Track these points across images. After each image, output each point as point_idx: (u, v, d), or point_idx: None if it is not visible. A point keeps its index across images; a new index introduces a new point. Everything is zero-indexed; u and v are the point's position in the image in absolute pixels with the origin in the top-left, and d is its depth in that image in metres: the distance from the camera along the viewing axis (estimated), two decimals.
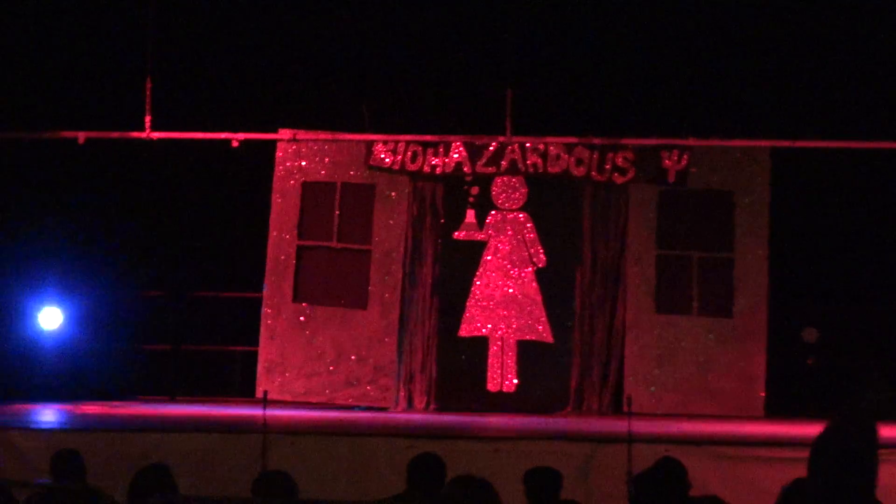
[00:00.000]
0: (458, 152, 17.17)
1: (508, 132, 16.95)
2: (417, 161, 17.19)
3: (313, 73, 17.15)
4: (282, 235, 17.37)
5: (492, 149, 17.12)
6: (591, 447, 12.36)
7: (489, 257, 17.26)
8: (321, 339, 17.20)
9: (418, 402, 17.11)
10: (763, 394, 16.71)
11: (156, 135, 16.88)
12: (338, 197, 17.38)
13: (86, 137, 16.89)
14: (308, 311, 17.28)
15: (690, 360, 16.89)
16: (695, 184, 17.03)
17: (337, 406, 16.98)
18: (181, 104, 17.01)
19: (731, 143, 16.90)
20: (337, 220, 17.39)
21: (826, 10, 16.34)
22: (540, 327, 17.15)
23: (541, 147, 17.09)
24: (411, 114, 17.18)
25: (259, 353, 17.27)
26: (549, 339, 17.15)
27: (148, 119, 16.78)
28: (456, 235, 17.35)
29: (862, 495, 7.21)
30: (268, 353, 17.24)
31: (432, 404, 17.11)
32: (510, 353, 17.13)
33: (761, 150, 16.92)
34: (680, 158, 16.97)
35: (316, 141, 17.36)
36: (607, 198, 17.17)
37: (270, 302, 17.31)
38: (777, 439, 12.91)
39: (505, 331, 17.17)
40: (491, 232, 17.29)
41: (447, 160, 17.18)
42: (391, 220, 17.30)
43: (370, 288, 17.26)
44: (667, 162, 16.98)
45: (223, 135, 17.00)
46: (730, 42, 16.62)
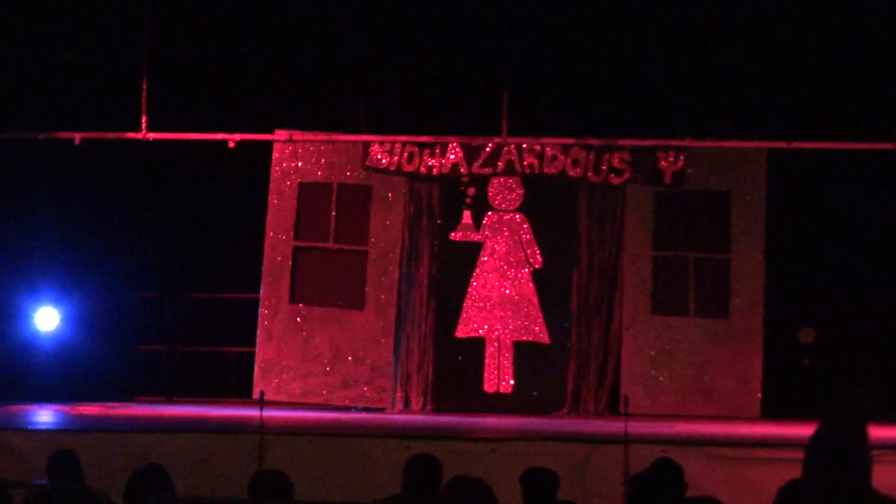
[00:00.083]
0: (455, 153, 17.16)
1: (505, 133, 16.97)
2: (414, 162, 17.19)
3: (310, 73, 17.14)
4: (278, 236, 17.36)
5: (488, 150, 17.12)
6: (587, 448, 12.36)
7: (486, 258, 17.25)
8: (318, 339, 17.19)
9: (415, 403, 17.10)
10: (759, 394, 16.70)
11: (152, 135, 16.90)
12: (334, 198, 17.37)
13: (82, 138, 16.90)
14: (305, 312, 17.27)
15: (687, 360, 16.88)
16: (691, 185, 17.02)
17: (334, 407, 16.97)
18: (177, 105, 17.01)
19: (728, 144, 16.91)
20: (333, 220, 17.38)
21: (822, 10, 16.34)
22: (536, 328, 17.15)
23: (537, 148, 17.09)
24: (408, 114, 17.17)
25: (256, 353, 17.25)
26: (546, 339, 17.14)
27: (144, 119, 16.81)
28: (452, 236, 17.34)
29: (857, 493, 7.24)
30: (264, 354, 17.23)
31: (429, 405, 17.10)
32: (507, 354, 17.12)
33: (758, 151, 16.91)
34: (676, 159, 16.97)
35: (312, 142, 17.35)
36: (604, 199, 17.16)
37: (267, 303, 17.30)
38: (773, 440, 12.90)
39: (501, 332, 17.16)
40: (487, 233, 17.28)
41: (444, 161, 17.17)
42: (388, 221, 17.29)
43: (367, 289, 17.25)
44: (663, 163, 16.97)
45: (219, 135, 17.01)
46: (726, 43, 16.61)
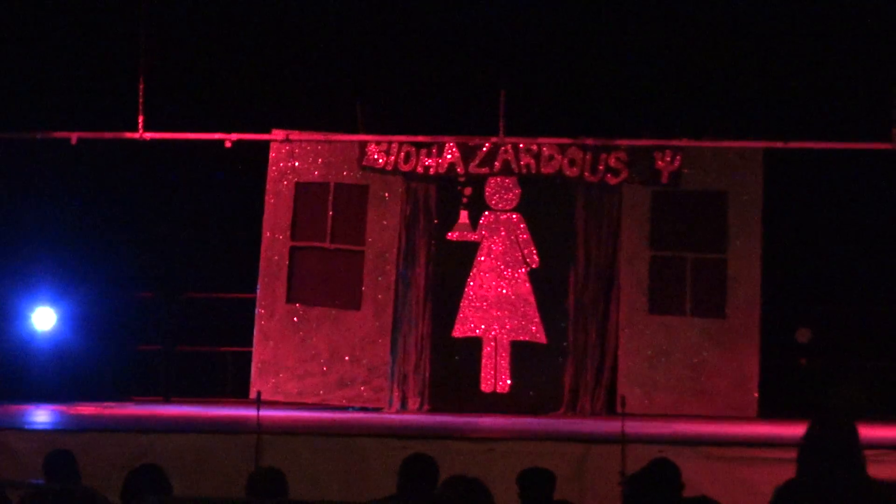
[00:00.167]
0: (452, 153, 17.16)
1: (501, 133, 16.96)
2: (411, 162, 17.19)
3: (306, 73, 17.14)
4: (275, 236, 17.36)
5: (485, 149, 17.12)
6: (584, 448, 12.36)
7: (482, 258, 17.25)
8: (315, 339, 17.19)
9: (412, 403, 17.10)
10: (756, 394, 16.71)
11: (149, 135, 16.88)
12: (331, 197, 17.37)
13: (78, 138, 16.89)
14: (301, 312, 17.27)
15: (684, 360, 16.88)
16: (688, 184, 17.03)
17: (330, 407, 16.97)
18: (174, 104, 17.00)
19: (724, 143, 16.91)
20: (330, 220, 17.38)
21: (819, 11, 16.35)
22: (533, 328, 17.15)
23: (534, 148, 17.10)
24: (404, 114, 17.17)
25: (253, 353, 17.25)
26: (543, 339, 17.15)
27: (141, 119, 16.79)
28: (449, 236, 17.34)
29: (851, 492, 7.24)
30: (261, 354, 17.23)
31: (426, 405, 17.10)
32: (504, 354, 17.12)
33: (754, 150, 16.92)
34: (673, 159, 16.97)
35: (309, 141, 17.35)
36: (600, 198, 17.17)
37: (264, 302, 17.30)
38: (770, 440, 12.91)
39: (498, 331, 17.16)
40: (484, 233, 17.29)
41: (440, 161, 17.17)
42: (384, 221, 17.29)
43: (363, 289, 17.25)
44: (660, 163, 16.98)
45: (216, 135, 17.00)
46: (723, 43, 16.62)
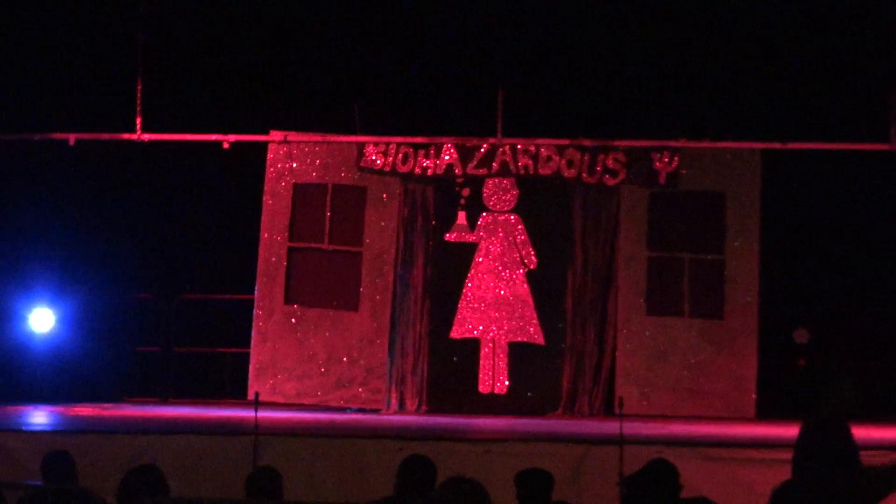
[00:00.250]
0: (449, 154, 17.17)
1: (499, 134, 16.97)
2: (408, 163, 17.19)
3: (304, 74, 17.14)
4: (273, 237, 17.36)
5: (483, 150, 17.12)
6: (582, 449, 12.37)
7: (480, 259, 17.25)
8: (313, 340, 17.19)
9: (410, 404, 17.10)
10: (754, 395, 16.71)
11: (146, 136, 16.90)
12: (329, 199, 17.37)
13: (77, 139, 16.90)
14: (299, 313, 17.27)
15: (682, 361, 16.88)
16: (685, 185, 17.04)
17: (328, 408, 16.97)
18: (172, 106, 17.00)
19: (722, 144, 16.92)
20: (328, 221, 17.38)
21: (817, 11, 16.35)
22: (531, 329, 17.15)
23: (532, 149, 17.10)
24: (402, 115, 17.17)
25: (251, 354, 17.25)
26: (541, 340, 17.15)
27: (139, 120, 16.80)
28: (447, 237, 17.34)
29: (847, 491, 7.26)
30: (259, 355, 17.22)
31: (424, 406, 17.10)
32: (502, 355, 17.12)
33: (752, 151, 16.93)
34: (671, 160, 16.98)
35: (307, 143, 17.35)
36: (598, 199, 17.17)
37: (262, 304, 17.30)
38: (768, 441, 12.90)
39: (496, 332, 17.16)
40: (482, 234, 17.29)
41: (438, 162, 17.18)
42: (382, 222, 17.29)
43: (361, 289, 17.25)
44: (657, 164, 16.98)
45: (214, 136, 17.01)
46: (721, 44, 16.62)
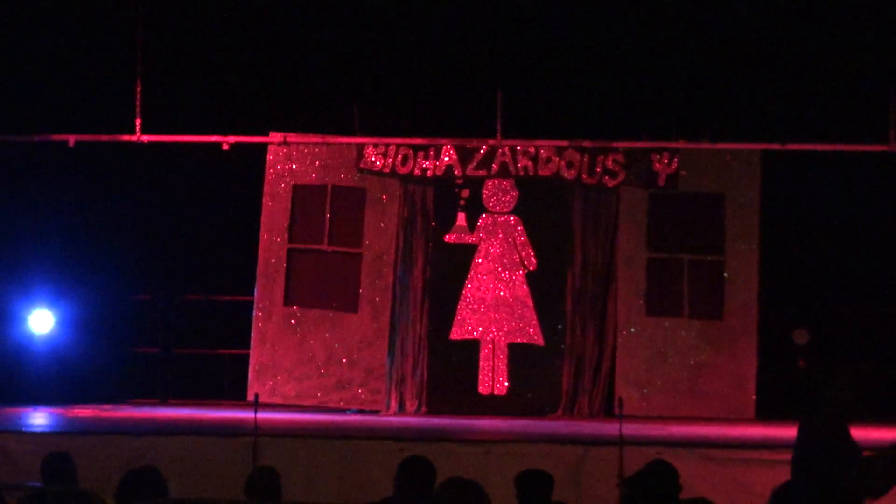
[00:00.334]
0: (449, 155, 17.17)
1: (499, 135, 16.98)
2: (408, 164, 17.19)
3: (304, 76, 17.14)
4: (272, 238, 17.36)
5: (482, 152, 17.13)
6: (582, 450, 12.38)
7: (480, 260, 17.25)
8: (312, 342, 17.19)
9: (409, 405, 17.10)
10: (754, 396, 16.71)
11: (146, 138, 16.90)
12: (328, 200, 17.37)
13: (76, 140, 16.89)
14: (299, 315, 17.27)
15: (681, 362, 16.88)
16: (685, 186, 17.04)
17: (328, 409, 16.97)
18: (171, 107, 17.00)
19: (722, 145, 16.92)
20: (328, 223, 17.38)
21: (816, 12, 16.35)
22: (531, 330, 17.15)
23: (531, 150, 17.10)
24: (402, 117, 17.17)
25: (250, 356, 17.25)
26: (540, 341, 17.15)
27: (138, 122, 16.79)
28: (447, 238, 17.34)
29: (846, 490, 7.27)
30: (259, 357, 17.22)
31: (423, 407, 17.10)
32: (501, 356, 17.12)
33: (751, 152, 16.93)
34: (670, 161, 16.98)
35: (306, 144, 17.35)
36: (598, 200, 17.17)
37: (261, 305, 17.29)
38: (768, 442, 12.91)
39: (496, 334, 17.16)
40: (482, 235, 17.29)
41: (438, 163, 17.18)
42: (382, 223, 17.29)
43: (361, 291, 17.25)
44: (657, 165, 16.99)
45: (213, 138, 17.01)
46: (720, 45, 16.62)
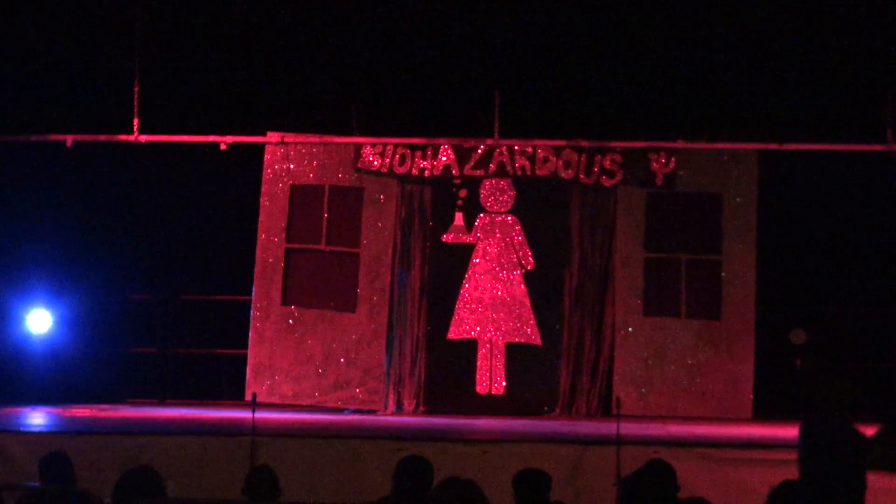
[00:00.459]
0: (446, 155, 17.17)
1: (496, 135, 16.97)
2: (406, 164, 17.19)
3: (301, 75, 17.13)
4: (270, 238, 17.36)
5: (480, 151, 17.13)
6: (579, 449, 12.37)
7: (477, 260, 17.26)
8: (310, 341, 17.19)
9: (407, 405, 17.10)
10: (751, 396, 16.71)
11: (144, 137, 16.88)
12: (326, 200, 17.37)
13: (74, 140, 16.89)
14: (297, 314, 17.27)
15: (679, 362, 16.89)
16: (683, 186, 17.04)
17: (326, 409, 16.97)
18: (169, 107, 16.99)
19: (719, 145, 16.93)
20: (325, 222, 17.38)
21: (814, 12, 16.35)
22: (528, 330, 17.15)
23: (529, 150, 17.10)
24: (399, 116, 17.17)
25: (248, 356, 17.25)
26: (538, 341, 17.15)
27: (136, 122, 16.79)
28: (444, 238, 17.35)
29: (852, 489, 7.27)
30: (256, 356, 17.22)
31: (421, 407, 17.11)
32: (499, 356, 17.13)
33: (749, 152, 16.93)
34: (668, 161, 16.99)
35: (304, 144, 17.35)
36: (595, 200, 17.18)
37: (259, 305, 17.29)
38: (765, 441, 12.91)
39: (494, 333, 17.17)
40: (479, 234, 17.29)
41: (435, 163, 17.18)
42: (379, 223, 17.29)
43: (359, 291, 17.25)
44: (654, 164, 16.99)
45: (211, 138, 17.00)
46: (717, 44, 16.62)
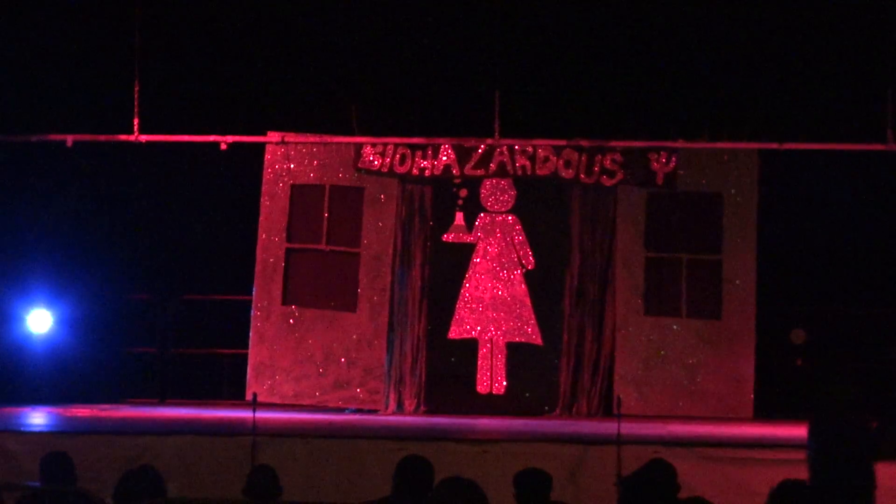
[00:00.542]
0: (447, 155, 17.17)
1: (497, 134, 16.97)
2: (406, 163, 17.20)
3: (302, 75, 17.13)
4: (271, 238, 17.36)
5: (480, 151, 17.13)
6: (580, 449, 12.38)
7: (478, 259, 17.26)
8: (310, 341, 17.19)
9: (408, 405, 17.10)
10: (752, 395, 16.72)
11: (144, 137, 16.89)
12: (326, 199, 17.38)
13: (74, 140, 16.89)
14: (297, 314, 17.27)
15: (679, 361, 16.89)
16: (683, 186, 17.04)
17: (326, 408, 16.98)
18: (169, 107, 17.00)
19: (719, 145, 16.92)
20: (326, 222, 17.39)
21: (813, 12, 16.36)
22: (529, 329, 17.15)
23: (529, 149, 17.10)
24: (399, 116, 17.17)
25: (248, 355, 17.25)
26: (539, 341, 17.15)
27: (136, 122, 16.79)
28: (445, 238, 17.35)
29: (863, 487, 7.28)
30: (257, 356, 17.22)
31: (422, 406, 17.10)
32: (499, 356, 17.13)
33: (749, 152, 16.94)
34: (668, 160, 16.99)
35: (305, 143, 17.35)
36: (596, 200, 17.18)
37: (259, 304, 17.30)
38: (766, 441, 12.93)
39: (494, 333, 17.17)
40: (480, 234, 17.29)
41: (436, 162, 17.18)
42: (380, 223, 17.29)
43: (359, 290, 17.25)
44: (655, 164, 16.99)
45: (212, 137, 17.00)
46: (717, 44, 16.63)
